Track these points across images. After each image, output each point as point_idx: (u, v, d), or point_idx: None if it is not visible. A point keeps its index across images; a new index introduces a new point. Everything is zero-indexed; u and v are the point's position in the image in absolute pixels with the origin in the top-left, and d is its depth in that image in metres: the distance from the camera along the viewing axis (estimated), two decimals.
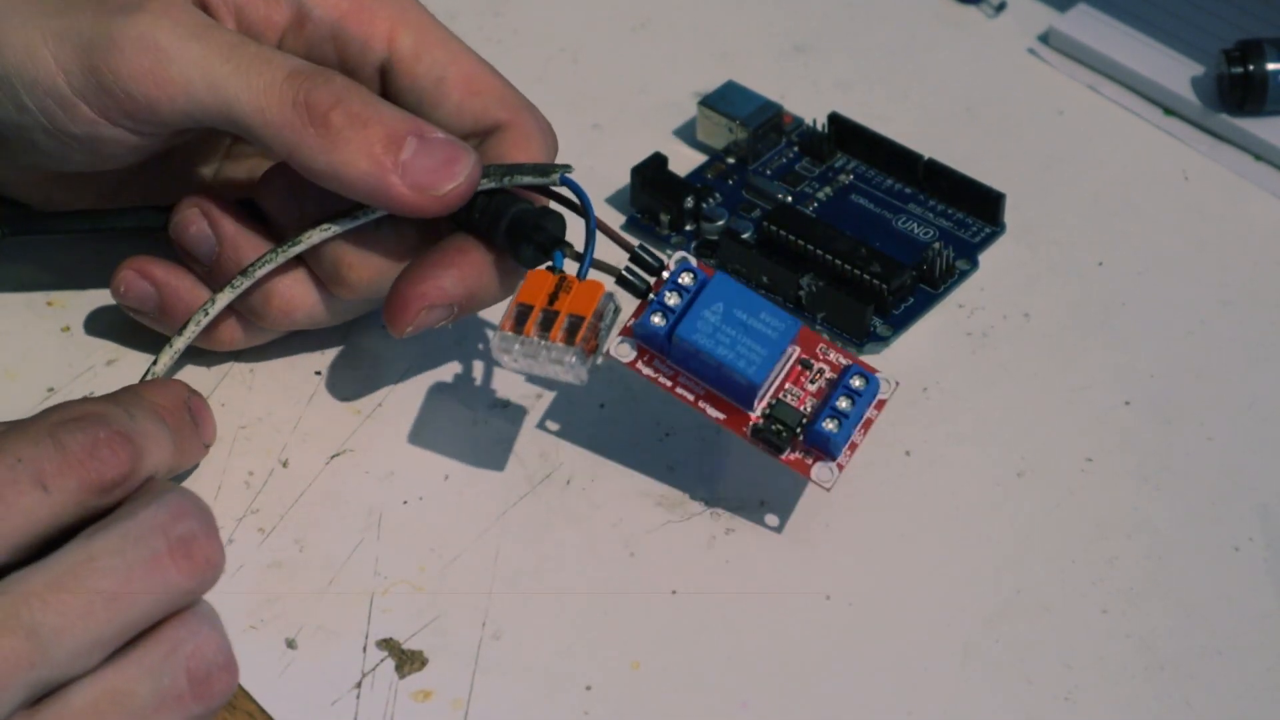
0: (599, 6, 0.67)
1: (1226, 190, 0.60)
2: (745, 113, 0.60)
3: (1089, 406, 0.53)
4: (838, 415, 0.47)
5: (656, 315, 0.48)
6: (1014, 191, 0.58)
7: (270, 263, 0.50)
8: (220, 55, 0.47)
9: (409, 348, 0.54)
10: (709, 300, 0.47)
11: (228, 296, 0.50)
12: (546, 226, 0.48)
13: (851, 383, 0.48)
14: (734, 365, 0.47)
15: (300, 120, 0.47)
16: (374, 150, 0.47)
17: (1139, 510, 0.50)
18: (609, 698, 0.46)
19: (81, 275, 0.56)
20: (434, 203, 0.47)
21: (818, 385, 0.48)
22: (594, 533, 0.50)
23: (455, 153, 0.48)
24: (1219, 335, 0.55)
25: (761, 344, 0.47)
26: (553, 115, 0.62)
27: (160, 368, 0.50)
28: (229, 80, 0.47)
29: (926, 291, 0.56)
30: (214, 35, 0.48)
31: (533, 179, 0.49)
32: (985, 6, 0.66)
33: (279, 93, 0.47)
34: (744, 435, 0.48)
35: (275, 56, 0.48)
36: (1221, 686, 0.46)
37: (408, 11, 0.51)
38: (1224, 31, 0.63)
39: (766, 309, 0.48)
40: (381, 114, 0.48)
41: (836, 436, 0.47)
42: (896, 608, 0.48)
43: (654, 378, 0.48)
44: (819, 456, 0.48)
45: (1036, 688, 0.46)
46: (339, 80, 0.48)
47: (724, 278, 0.48)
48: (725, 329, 0.47)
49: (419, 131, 0.48)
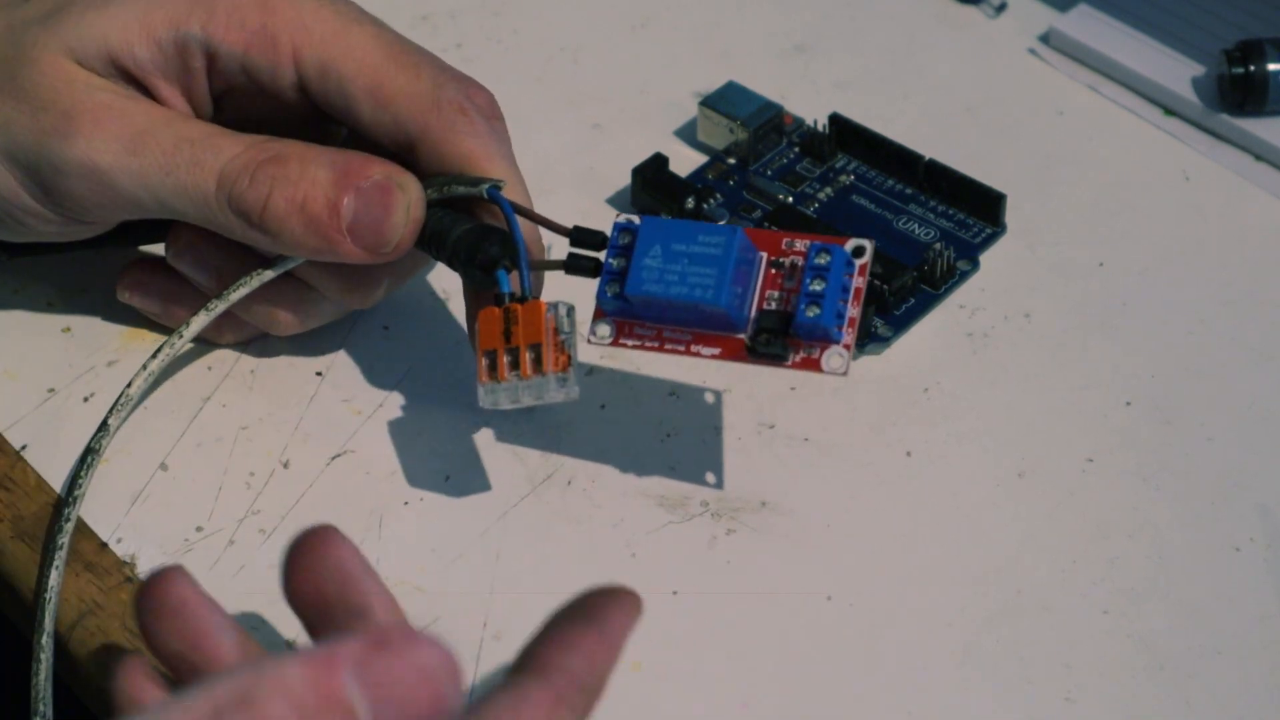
0: (599, 6, 0.67)
1: (1227, 190, 0.60)
2: (746, 113, 0.60)
3: (1090, 407, 0.53)
4: (814, 298, 0.46)
5: (611, 285, 0.47)
6: (1014, 192, 0.58)
7: (245, 286, 0.50)
8: (159, 170, 0.48)
9: (409, 349, 0.54)
10: (645, 246, 0.46)
11: (202, 320, 0.51)
12: (485, 247, 0.47)
13: (817, 261, 0.46)
14: (692, 298, 0.45)
15: (241, 224, 0.48)
16: (319, 228, 0.47)
17: (1139, 510, 0.50)
18: (610, 698, 0.46)
19: (82, 276, 0.56)
20: (389, 257, 0.48)
21: (796, 279, 0.46)
22: (595, 533, 0.50)
23: (390, 198, 0.47)
24: (1219, 335, 0.55)
25: (710, 265, 0.46)
26: (553, 115, 0.63)
27: (134, 390, 0.50)
28: (171, 196, 0.48)
29: (927, 292, 0.56)
30: (149, 146, 0.48)
31: (465, 190, 0.48)
32: (986, 7, 0.66)
33: (215, 202, 0.48)
34: (744, 358, 0.46)
35: (208, 158, 0.48)
36: (1222, 687, 0.46)
37: (310, 27, 0.49)
38: (1224, 32, 0.63)
39: (702, 230, 0.46)
40: (314, 184, 0.47)
41: (823, 319, 0.45)
42: (897, 608, 0.48)
43: (640, 345, 0.47)
44: (824, 345, 0.46)
45: (1037, 688, 0.46)
46: (265, 171, 0.47)
47: (651, 220, 0.47)
48: (670, 268, 0.46)
49: (353, 182, 0.47)
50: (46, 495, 0.51)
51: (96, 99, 0.48)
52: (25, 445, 0.52)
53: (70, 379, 0.54)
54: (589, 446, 0.52)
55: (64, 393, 0.53)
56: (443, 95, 0.49)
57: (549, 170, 0.60)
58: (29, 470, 0.52)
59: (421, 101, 0.49)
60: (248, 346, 0.54)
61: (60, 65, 0.48)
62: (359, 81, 0.49)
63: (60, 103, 0.48)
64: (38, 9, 0.49)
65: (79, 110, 0.48)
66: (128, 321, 0.55)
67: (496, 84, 0.51)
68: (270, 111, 0.51)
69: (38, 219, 0.50)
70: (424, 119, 0.49)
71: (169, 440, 0.52)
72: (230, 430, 0.52)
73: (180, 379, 0.54)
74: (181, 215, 0.49)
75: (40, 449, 0.52)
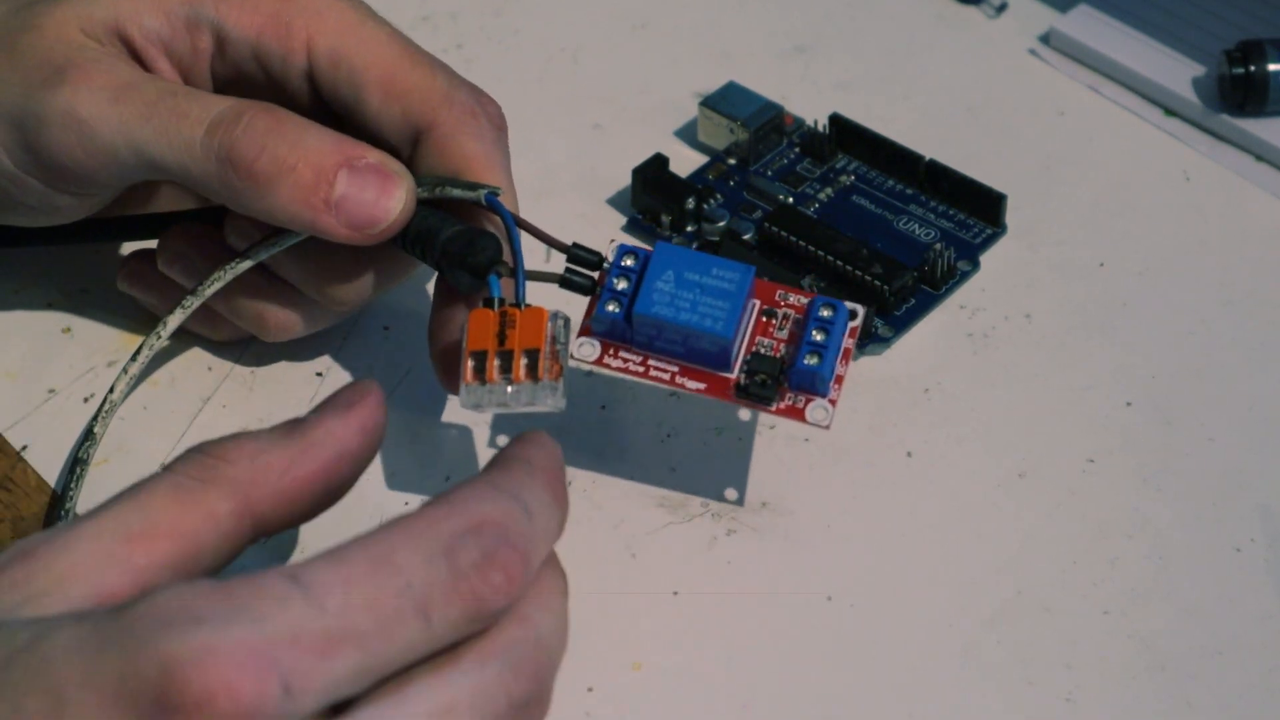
0: (599, 6, 0.67)
1: (1227, 191, 0.60)
2: (746, 113, 0.60)
3: (1090, 407, 0.53)
4: (816, 348, 0.46)
5: (611, 304, 0.47)
6: (1015, 192, 0.58)
7: (220, 280, 0.49)
8: (140, 117, 0.47)
9: (409, 349, 0.54)
10: (658, 270, 0.47)
11: (178, 318, 0.50)
12: (477, 251, 0.47)
13: (821, 314, 0.47)
14: (701, 326, 0.46)
15: (226, 174, 0.47)
16: (305, 194, 0.46)
17: (1140, 511, 0.50)
18: (610, 699, 0.46)
19: (81, 276, 0.56)
20: (371, 239, 0.47)
21: (787, 330, 0.47)
22: (595, 534, 0.50)
23: (387, 182, 0.47)
24: (1220, 335, 0.55)
25: (721, 298, 0.46)
26: (553, 115, 0.63)
27: (117, 395, 0.50)
28: (151, 143, 0.47)
29: (928, 292, 0.56)
30: (133, 96, 0.47)
31: (461, 193, 0.48)
32: (986, 7, 0.66)
33: (200, 150, 0.47)
34: (729, 398, 0.47)
35: (194, 108, 0.47)
36: (1222, 687, 0.46)
37: (325, 16, 0.49)
38: (1225, 32, 0.63)
39: (716, 263, 0.47)
40: (308, 150, 0.46)
41: (821, 369, 0.46)
42: (897, 608, 0.48)
43: (624, 369, 0.47)
44: (809, 398, 0.47)
45: (1037, 688, 0.46)
46: (261, 122, 0.47)
47: (666, 245, 0.47)
48: (682, 294, 0.46)
49: (348, 160, 0.47)
50: (46, 495, 0.51)
51: (88, 54, 0.48)
52: (25, 445, 0.52)
53: (70, 379, 0.54)
54: (589, 447, 0.52)
55: (64, 393, 0.53)
56: (456, 95, 0.49)
57: (549, 170, 0.60)
58: (29, 470, 0.52)
59: (435, 96, 0.49)
60: (248, 347, 0.54)
61: (61, 30, 0.48)
62: (372, 73, 0.49)
63: (53, 59, 0.47)
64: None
65: (69, 65, 0.47)
66: (128, 321, 0.55)
67: (496, 84, 0.52)
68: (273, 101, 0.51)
69: (21, 188, 0.49)
70: (435, 113, 0.49)
71: (169, 440, 0.52)
72: (231, 431, 0.52)
73: (180, 379, 0.54)
74: (161, 169, 0.47)
75: (40, 449, 0.52)
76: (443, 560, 0.37)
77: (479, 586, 0.37)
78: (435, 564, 0.37)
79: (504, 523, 0.38)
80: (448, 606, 0.37)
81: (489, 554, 0.37)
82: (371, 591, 0.36)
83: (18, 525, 0.50)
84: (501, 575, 0.37)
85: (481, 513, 0.38)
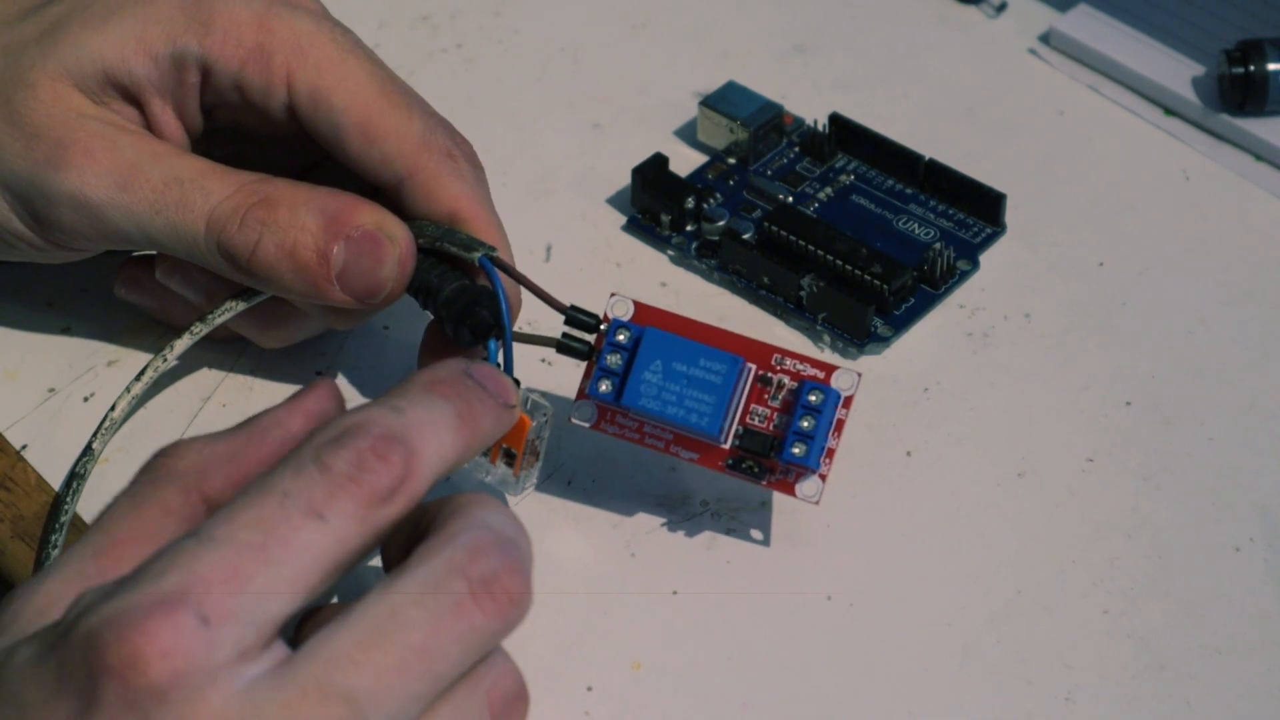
0: (599, 6, 0.67)
1: (1227, 190, 0.60)
2: (746, 113, 0.60)
3: (1090, 407, 0.53)
4: (803, 437, 0.47)
5: (603, 382, 0.48)
6: (1014, 192, 0.58)
7: (230, 311, 0.50)
8: (149, 209, 0.48)
9: (409, 349, 0.54)
10: (645, 360, 0.47)
11: (186, 343, 0.50)
12: (476, 314, 0.48)
13: (809, 399, 0.47)
14: (686, 422, 0.47)
15: (230, 265, 0.48)
16: (307, 274, 0.48)
17: (1139, 510, 0.50)
18: (610, 698, 0.46)
19: (81, 276, 0.56)
20: (376, 306, 0.49)
21: (781, 398, 0.48)
22: (595, 533, 0.50)
23: (380, 249, 0.48)
24: (1219, 335, 0.55)
25: (707, 391, 0.47)
26: (553, 115, 0.62)
27: (118, 413, 0.50)
28: (159, 234, 0.48)
29: (927, 292, 0.56)
30: (139, 184, 0.48)
31: (458, 251, 0.48)
32: (986, 7, 0.67)
33: (204, 245, 0.48)
34: (721, 469, 0.48)
35: (196, 200, 0.48)
36: (1222, 687, 0.46)
37: (307, 50, 0.49)
38: (1225, 32, 0.63)
39: (704, 354, 0.47)
40: (306, 227, 0.48)
41: (808, 458, 0.47)
42: (897, 608, 0.48)
43: (620, 434, 0.48)
44: (800, 473, 0.48)
45: (1037, 688, 0.46)
46: (257, 212, 0.48)
47: (654, 333, 0.48)
48: (669, 386, 0.47)
49: (343, 231, 0.48)
50: (46, 495, 0.51)
51: (89, 128, 0.48)
52: (25, 445, 0.52)
53: (70, 379, 0.54)
54: (589, 446, 0.52)
55: (64, 393, 0.53)
56: (432, 140, 0.49)
57: (549, 170, 0.60)
58: (29, 470, 0.52)
59: (411, 142, 0.49)
60: (248, 347, 0.54)
61: (56, 90, 0.49)
62: (350, 114, 0.49)
63: (54, 131, 0.48)
64: (34, 29, 0.49)
65: (71, 141, 0.48)
66: (128, 322, 0.55)
67: (496, 84, 0.52)
68: (260, 125, 0.51)
69: (26, 244, 0.50)
70: (413, 160, 0.49)
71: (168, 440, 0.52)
72: None
73: (180, 379, 0.54)
74: (170, 251, 0.49)
75: (40, 449, 0.52)
76: (312, 465, 0.38)
77: (353, 473, 0.38)
78: (305, 470, 0.38)
79: (366, 420, 0.39)
80: (334, 500, 0.38)
81: (354, 448, 0.39)
82: (253, 511, 0.38)
83: (18, 525, 0.50)
84: (374, 458, 0.39)
85: (341, 424, 0.39)
